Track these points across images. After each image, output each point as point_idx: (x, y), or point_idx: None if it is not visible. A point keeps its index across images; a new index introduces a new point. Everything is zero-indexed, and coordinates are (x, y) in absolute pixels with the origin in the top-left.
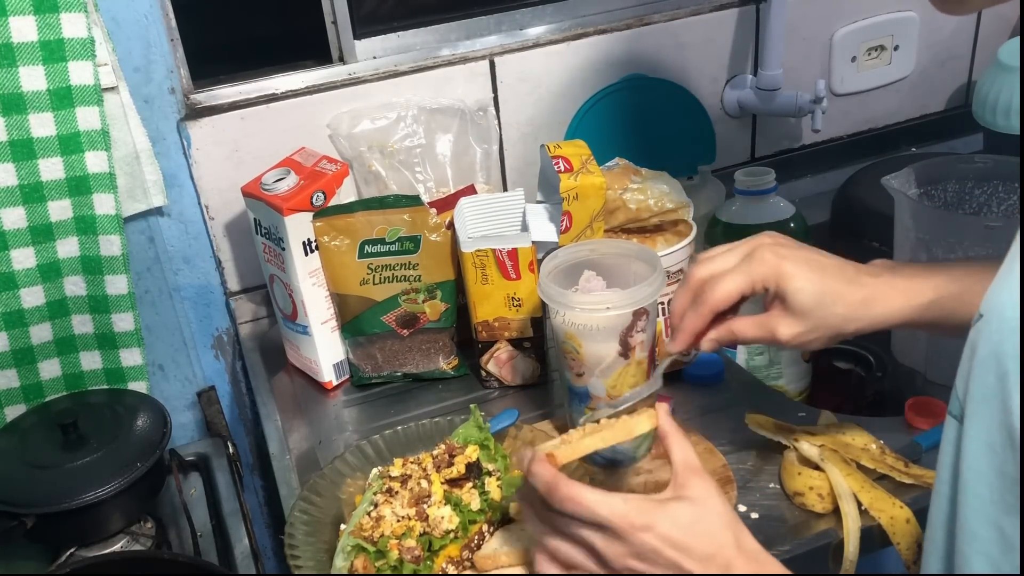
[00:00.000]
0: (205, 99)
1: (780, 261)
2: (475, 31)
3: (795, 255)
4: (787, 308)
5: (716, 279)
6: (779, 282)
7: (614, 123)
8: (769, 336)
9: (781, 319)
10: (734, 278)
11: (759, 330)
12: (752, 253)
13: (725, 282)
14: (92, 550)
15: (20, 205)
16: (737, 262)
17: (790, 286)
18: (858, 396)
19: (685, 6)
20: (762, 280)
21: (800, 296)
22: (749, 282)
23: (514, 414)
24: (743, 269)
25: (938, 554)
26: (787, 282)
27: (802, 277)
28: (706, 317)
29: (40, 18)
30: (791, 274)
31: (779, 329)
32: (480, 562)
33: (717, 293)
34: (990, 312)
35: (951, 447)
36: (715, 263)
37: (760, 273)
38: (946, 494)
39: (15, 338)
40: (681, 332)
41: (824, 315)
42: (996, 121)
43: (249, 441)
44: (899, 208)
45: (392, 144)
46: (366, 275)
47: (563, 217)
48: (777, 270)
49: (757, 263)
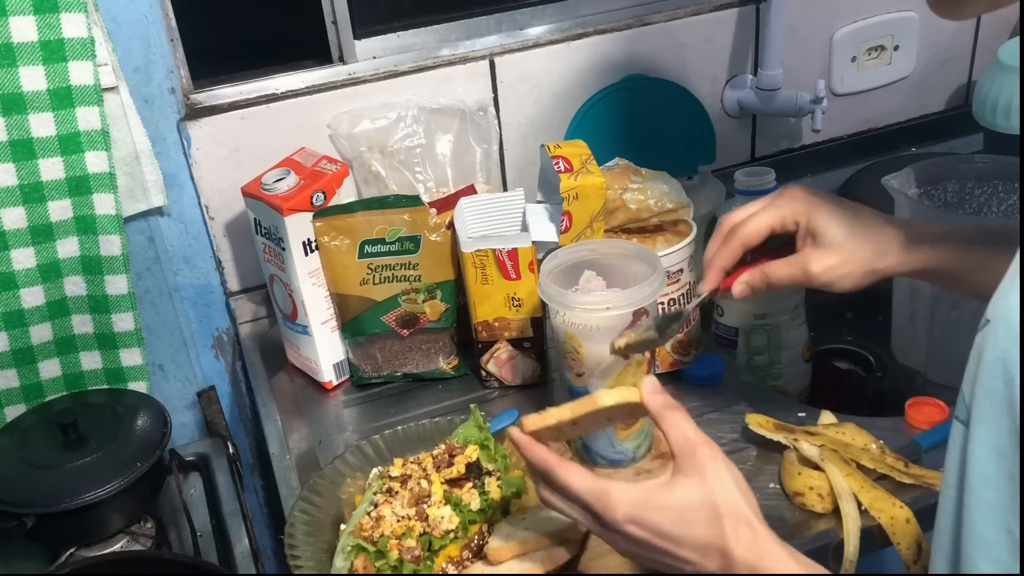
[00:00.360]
0: (205, 99)
1: (810, 196)
2: (475, 31)
3: (825, 195)
4: (818, 242)
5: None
6: (809, 215)
7: (614, 123)
8: (801, 272)
9: (812, 253)
10: (765, 214)
11: (791, 268)
12: (782, 192)
13: (755, 218)
14: (92, 550)
15: (20, 205)
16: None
17: (821, 219)
18: (858, 396)
19: (685, 6)
20: (792, 215)
21: (832, 228)
22: (779, 216)
23: (514, 414)
24: (773, 204)
25: (945, 558)
26: (818, 214)
27: (833, 211)
28: (736, 251)
29: (40, 18)
30: (822, 207)
31: (811, 264)
32: (494, 554)
33: (748, 228)
34: (996, 318)
35: (957, 452)
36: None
37: (790, 208)
38: (953, 498)
39: (15, 338)
40: (711, 268)
41: (856, 247)
42: (996, 121)
43: (249, 441)
44: (899, 208)
45: (392, 144)
46: (366, 275)
47: (563, 217)
48: (807, 203)
49: (787, 199)
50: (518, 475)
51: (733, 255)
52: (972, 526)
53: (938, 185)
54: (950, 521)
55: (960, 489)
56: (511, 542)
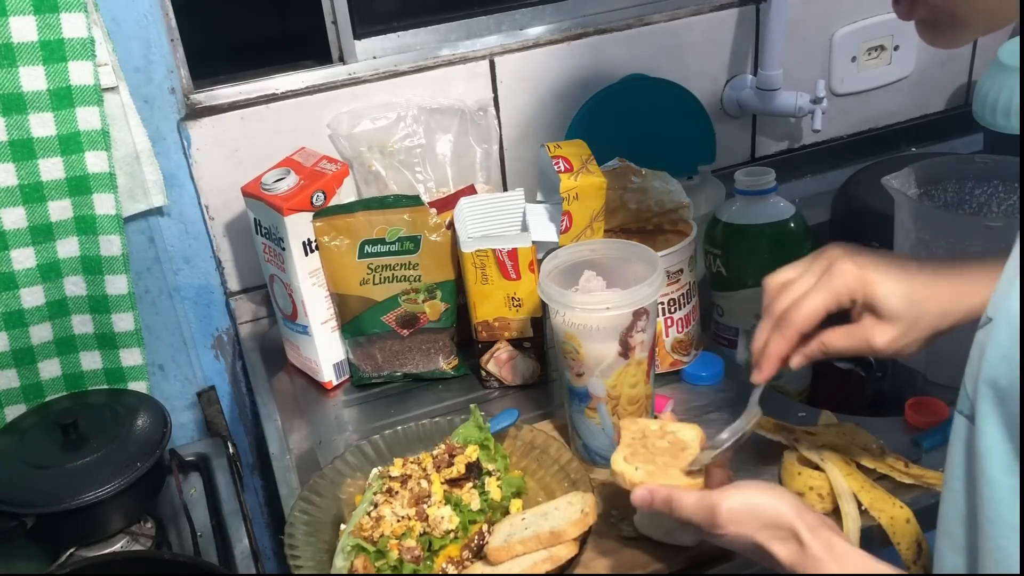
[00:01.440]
0: (205, 99)
1: (862, 270)
2: (475, 31)
3: (875, 261)
4: (879, 315)
5: (799, 302)
6: (866, 291)
7: (614, 123)
8: (864, 346)
9: (875, 327)
10: (817, 296)
11: (852, 340)
12: (831, 268)
13: (808, 302)
14: (92, 550)
15: (20, 205)
16: (815, 280)
17: (879, 292)
18: (858, 396)
19: (685, 6)
20: (848, 293)
21: (891, 300)
22: (834, 297)
23: (514, 414)
24: (825, 285)
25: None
26: (874, 289)
27: (889, 282)
28: (793, 340)
29: (40, 18)
30: (877, 280)
31: (874, 338)
32: (494, 555)
33: (803, 314)
34: (999, 316)
35: (962, 444)
36: (794, 289)
37: (844, 285)
38: (960, 490)
39: (15, 338)
40: (767, 359)
41: (918, 315)
42: (996, 121)
43: (249, 441)
44: (899, 208)
45: (392, 144)
46: (366, 275)
47: (563, 217)
48: (862, 279)
49: (838, 276)
50: (518, 475)
51: (790, 344)
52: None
53: (938, 185)
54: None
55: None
56: (511, 542)
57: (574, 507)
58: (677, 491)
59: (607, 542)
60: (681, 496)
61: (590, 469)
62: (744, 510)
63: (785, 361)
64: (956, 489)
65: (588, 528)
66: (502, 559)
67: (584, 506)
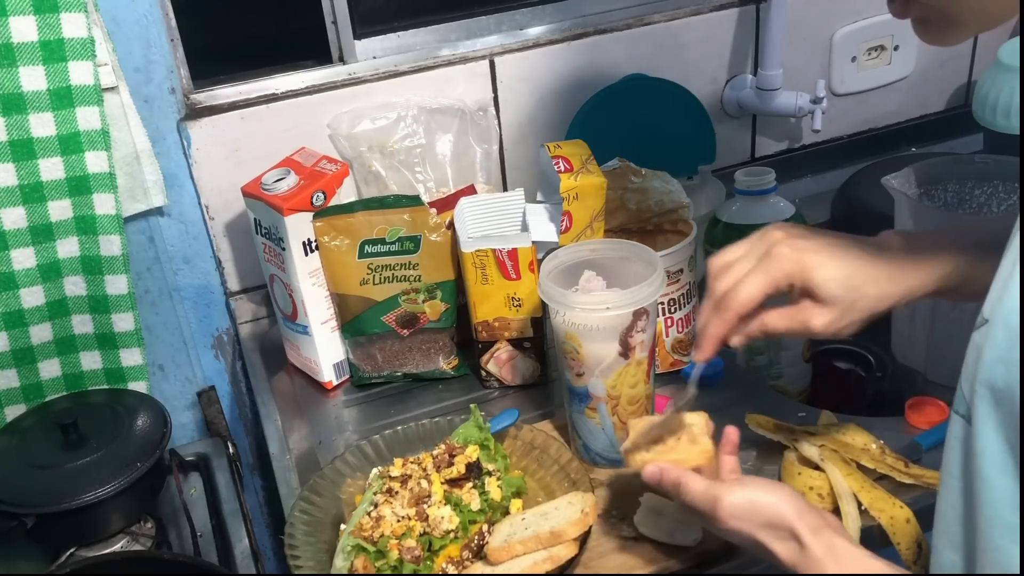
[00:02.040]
0: (205, 99)
1: (800, 255)
2: (475, 31)
3: (813, 245)
4: (816, 298)
5: (737, 285)
6: (803, 275)
7: (614, 123)
8: (802, 328)
9: (812, 310)
10: (755, 281)
11: (791, 322)
12: (769, 251)
13: (746, 286)
14: (92, 550)
15: (20, 205)
16: (756, 263)
17: (816, 277)
18: (858, 396)
19: (685, 6)
20: (786, 277)
21: (828, 286)
22: (772, 282)
23: (514, 414)
24: (763, 269)
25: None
26: (812, 274)
27: (826, 266)
28: (731, 323)
29: (40, 18)
30: (814, 265)
31: (812, 320)
32: (494, 555)
33: (740, 298)
34: (995, 318)
35: (959, 444)
36: (733, 271)
37: (781, 270)
38: (957, 488)
39: (15, 338)
40: (706, 339)
41: (855, 299)
42: (996, 121)
43: (249, 441)
44: (899, 208)
45: (392, 144)
46: (366, 275)
47: (563, 217)
48: (799, 264)
49: (776, 261)
50: (518, 475)
51: (728, 326)
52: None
53: (938, 185)
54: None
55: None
56: (511, 542)
57: (574, 507)
58: (687, 475)
59: (607, 542)
60: (689, 481)
61: (590, 469)
62: (746, 507)
63: (725, 341)
64: (953, 488)
65: (588, 528)
66: (502, 559)
67: (584, 506)
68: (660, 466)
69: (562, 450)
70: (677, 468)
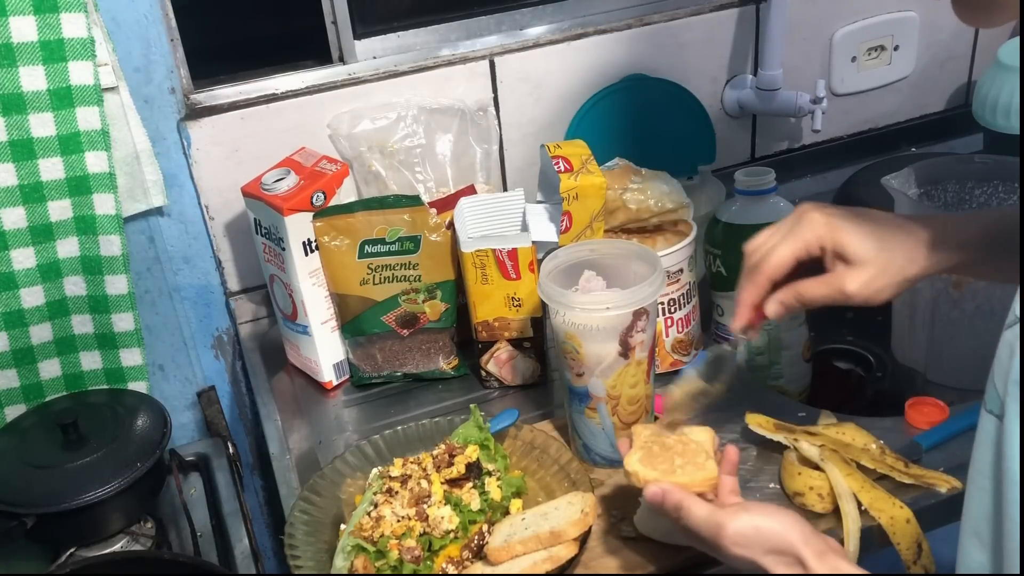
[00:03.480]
0: (205, 99)
1: (829, 219)
2: (475, 31)
3: (842, 212)
4: (849, 261)
5: (768, 251)
6: (834, 237)
7: (614, 123)
8: (838, 292)
9: (846, 274)
10: (786, 244)
11: (826, 288)
12: (799, 218)
13: (779, 249)
14: (92, 550)
15: (20, 205)
16: (786, 231)
17: (847, 238)
18: (858, 396)
19: (685, 6)
20: (816, 240)
21: (860, 246)
22: (803, 244)
23: (514, 414)
24: (793, 234)
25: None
26: (843, 235)
27: (856, 229)
28: (763, 286)
29: (40, 18)
30: (845, 227)
31: (847, 284)
32: (494, 555)
33: (771, 262)
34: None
35: (990, 443)
36: (767, 241)
37: (813, 234)
38: (988, 488)
39: (15, 338)
40: (740, 305)
41: (887, 259)
42: (996, 121)
43: (249, 441)
44: (899, 208)
45: (392, 144)
46: (366, 275)
47: (563, 217)
48: (830, 227)
49: (807, 225)
50: (518, 475)
51: (760, 290)
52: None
53: (938, 185)
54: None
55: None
56: (511, 542)
57: (574, 507)
58: (689, 499)
59: (607, 542)
60: (692, 505)
61: (590, 469)
62: (750, 534)
63: (760, 309)
64: (984, 488)
65: (588, 528)
66: (502, 559)
67: (584, 506)
68: (662, 487)
69: (562, 450)
70: (679, 491)
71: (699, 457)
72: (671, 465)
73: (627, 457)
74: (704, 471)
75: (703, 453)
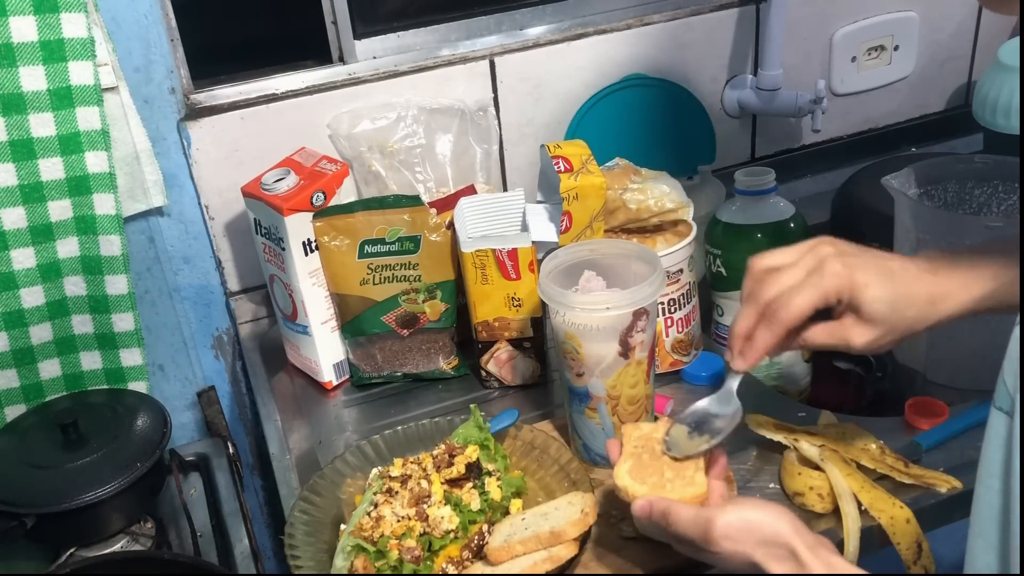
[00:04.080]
0: (205, 99)
1: (851, 272)
2: (475, 31)
3: (863, 263)
4: (861, 316)
5: (786, 295)
6: (852, 293)
7: (614, 123)
8: (842, 344)
9: (854, 327)
10: (807, 294)
11: (831, 338)
12: (820, 266)
13: (799, 299)
14: (92, 550)
15: (20, 205)
16: (804, 276)
17: (865, 296)
18: (858, 396)
19: (685, 6)
20: (835, 292)
21: (876, 305)
22: (823, 296)
23: (514, 414)
24: (814, 283)
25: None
26: (861, 292)
27: (875, 286)
28: (780, 336)
29: (40, 18)
30: (864, 284)
31: (853, 338)
32: (494, 555)
33: (792, 311)
34: None
35: (1001, 441)
36: (780, 280)
37: (833, 286)
38: (997, 488)
39: (15, 338)
40: (753, 351)
41: (897, 320)
42: (996, 121)
43: (249, 441)
44: (899, 208)
45: (392, 144)
46: (366, 275)
47: (563, 217)
48: (849, 281)
49: (829, 276)
50: (518, 475)
51: (777, 339)
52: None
53: (938, 185)
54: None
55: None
56: (511, 542)
57: (574, 507)
58: (674, 505)
59: (607, 542)
60: (678, 510)
61: (590, 469)
62: (740, 526)
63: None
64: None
65: (588, 528)
66: (502, 559)
67: (584, 506)
68: (649, 499)
69: (562, 450)
70: (665, 500)
71: (689, 470)
72: (660, 479)
73: (617, 468)
74: (693, 487)
75: (693, 464)
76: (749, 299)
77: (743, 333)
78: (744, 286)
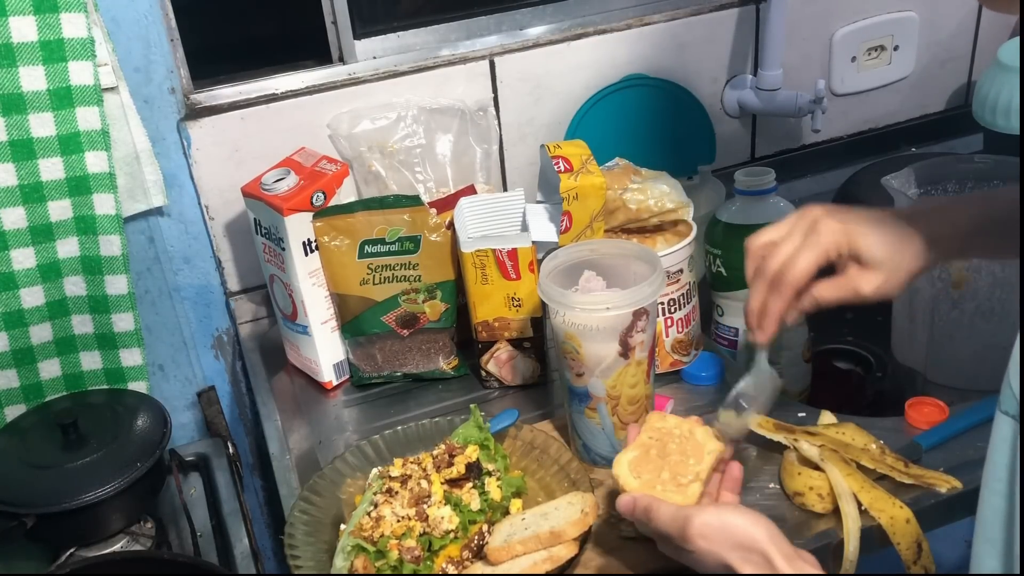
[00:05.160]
0: (205, 99)
1: (844, 225)
2: (475, 31)
3: (854, 216)
4: (863, 264)
5: (789, 261)
6: (851, 243)
7: (614, 123)
8: (853, 294)
9: (860, 276)
10: (808, 254)
11: (841, 291)
12: (815, 227)
13: (801, 260)
14: (92, 550)
15: (20, 205)
16: (802, 239)
17: (862, 243)
18: (858, 396)
19: (685, 6)
20: (835, 247)
21: (875, 249)
22: (823, 252)
23: (514, 414)
24: (813, 243)
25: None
26: (858, 240)
27: (870, 233)
28: (789, 298)
29: (40, 18)
30: (860, 232)
31: (861, 286)
32: (494, 555)
33: (797, 272)
34: None
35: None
36: (782, 249)
37: (831, 241)
38: (1002, 491)
39: (15, 338)
40: (769, 318)
41: (898, 260)
42: (996, 121)
43: (249, 441)
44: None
45: (392, 144)
46: (366, 275)
47: (563, 217)
48: (845, 234)
49: (825, 234)
50: (518, 475)
51: (787, 302)
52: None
53: (938, 185)
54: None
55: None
56: (511, 542)
57: (574, 507)
58: (656, 501)
59: (607, 542)
60: (659, 507)
61: (590, 469)
62: (717, 526)
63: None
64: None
65: (588, 528)
66: (502, 559)
67: (584, 506)
68: (633, 495)
69: (562, 450)
70: (648, 496)
71: (686, 477)
72: (656, 477)
73: (620, 455)
74: (682, 495)
75: (692, 474)
76: (755, 276)
77: (757, 309)
78: (747, 266)
